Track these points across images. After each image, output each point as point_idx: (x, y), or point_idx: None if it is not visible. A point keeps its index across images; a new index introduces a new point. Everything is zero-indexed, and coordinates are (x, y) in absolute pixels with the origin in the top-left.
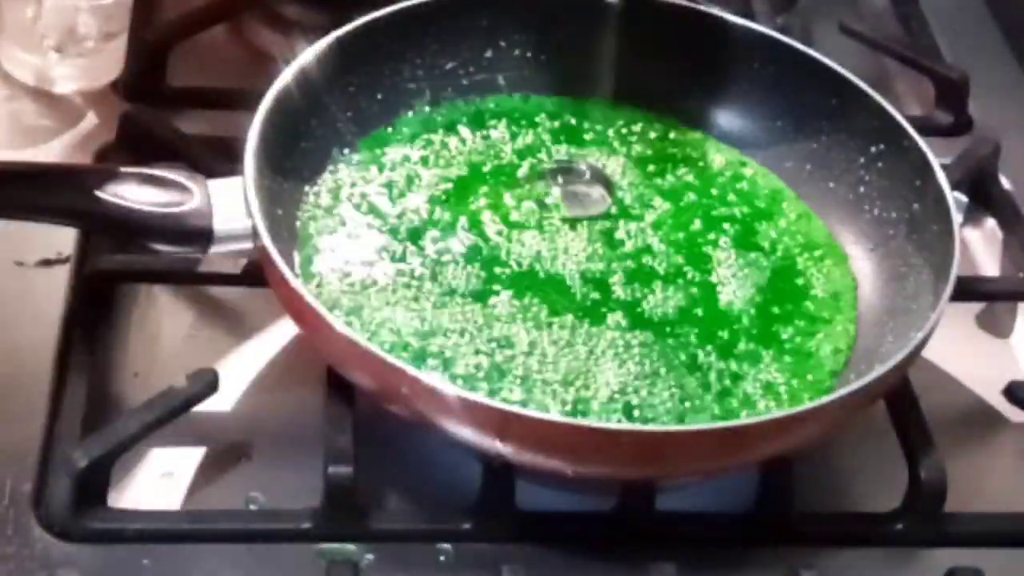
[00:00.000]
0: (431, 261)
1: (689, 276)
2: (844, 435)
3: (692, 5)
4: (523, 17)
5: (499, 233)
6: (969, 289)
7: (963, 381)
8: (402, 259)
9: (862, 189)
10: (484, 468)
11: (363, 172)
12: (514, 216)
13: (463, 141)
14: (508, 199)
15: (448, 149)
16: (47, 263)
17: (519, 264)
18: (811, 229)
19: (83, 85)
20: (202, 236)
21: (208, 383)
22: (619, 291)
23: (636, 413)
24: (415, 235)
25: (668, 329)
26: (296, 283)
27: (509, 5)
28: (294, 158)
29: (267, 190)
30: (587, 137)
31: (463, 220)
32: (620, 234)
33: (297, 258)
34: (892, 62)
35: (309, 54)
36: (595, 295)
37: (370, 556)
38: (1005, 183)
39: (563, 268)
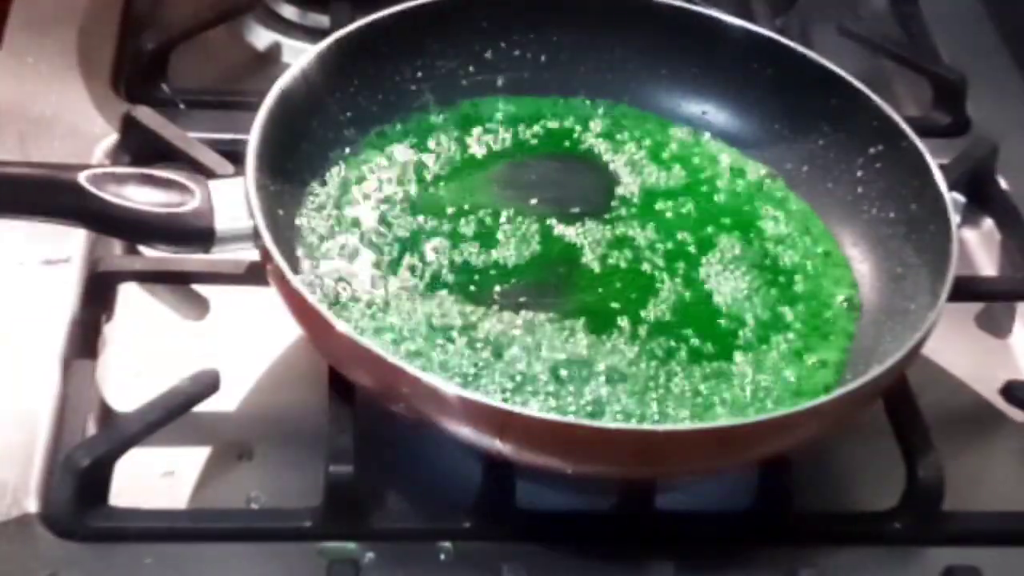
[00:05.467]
0: (431, 261)
1: (687, 276)
2: (843, 434)
3: (691, 7)
4: (523, 19)
5: (499, 233)
6: (967, 289)
7: (961, 380)
8: (403, 259)
9: (861, 190)
10: (484, 467)
11: (364, 172)
12: (514, 216)
13: (463, 142)
14: (508, 199)
15: (448, 150)
16: (51, 263)
17: (518, 263)
18: (810, 229)
19: None
20: (203, 236)
21: (209, 383)
22: (617, 290)
23: (632, 411)
24: (416, 235)
25: (665, 329)
26: (297, 283)
27: (509, 7)
28: (295, 159)
29: (268, 190)
30: (586, 137)
31: (463, 220)
32: (619, 234)
33: (298, 258)
34: (890, 63)
35: (310, 55)
36: (592, 293)
37: (371, 554)
38: (1003, 183)
39: (562, 267)
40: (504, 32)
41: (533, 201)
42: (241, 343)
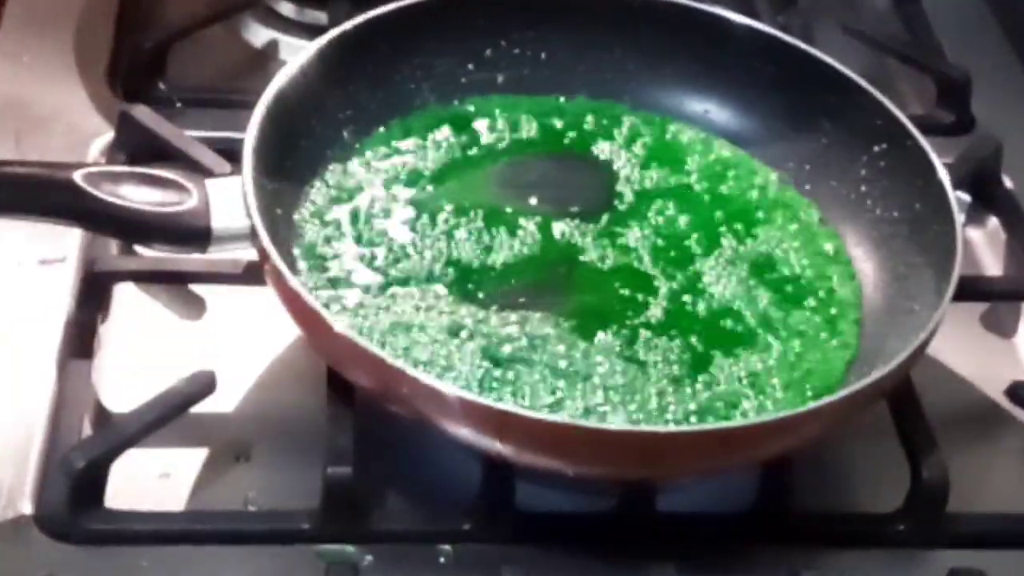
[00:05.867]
0: (430, 260)
1: (688, 275)
2: (846, 435)
3: (693, 4)
4: (523, 16)
5: (498, 232)
6: (972, 289)
7: (966, 381)
8: (401, 258)
9: (864, 188)
10: (484, 469)
11: (362, 171)
12: (513, 215)
13: (462, 140)
14: (507, 198)
15: (447, 148)
16: (46, 263)
17: (518, 262)
18: (813, 229)
19: None
20: (200, 236)
21: (206, 384)
22: (616, 290)
23: (632, 412)
24: (415, 234)
25: (666, 328)
26: (295, 283)
27: (508, 5)
28: (293, 157)
29: (266, 189)
30: (586, 136)
31: (462, 219)
32: (619, 233)
33: (296, 258)
34: (893, 61)
35: (308, 53)
36: (592, 293)
37: (369, 557)
38: (1007, 182)
39: (562, 267)
40: (504, 30)
41: (533, 201)
42: (238, 343)
